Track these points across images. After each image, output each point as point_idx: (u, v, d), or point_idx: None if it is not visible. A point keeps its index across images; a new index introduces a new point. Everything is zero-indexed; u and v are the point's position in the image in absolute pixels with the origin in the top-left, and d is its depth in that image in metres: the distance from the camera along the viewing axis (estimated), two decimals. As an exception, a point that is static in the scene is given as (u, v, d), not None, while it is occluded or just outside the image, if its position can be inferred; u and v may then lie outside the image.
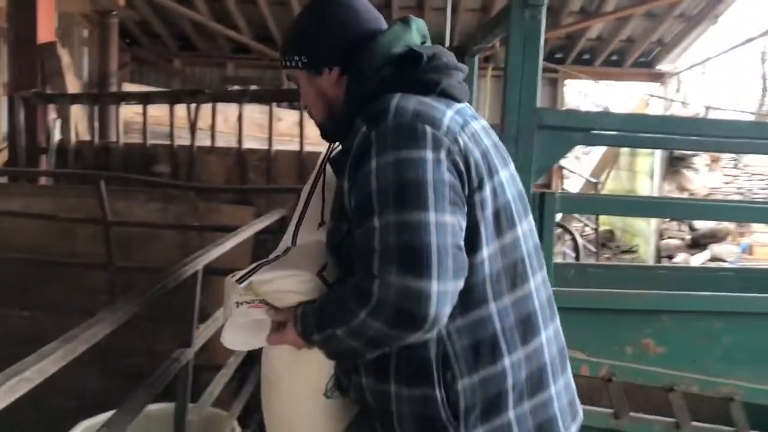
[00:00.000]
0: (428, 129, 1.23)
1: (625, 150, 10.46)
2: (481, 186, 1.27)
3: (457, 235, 1.21)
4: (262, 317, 1.38)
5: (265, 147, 3.67)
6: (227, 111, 4.20)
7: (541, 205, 2.17)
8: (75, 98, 3.80)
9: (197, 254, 1.88)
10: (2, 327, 3.50)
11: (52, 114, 4.02)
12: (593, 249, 8.21)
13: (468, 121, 1.33)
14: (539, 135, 2.14)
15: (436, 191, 1.19)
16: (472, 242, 1.26)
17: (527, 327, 1.34)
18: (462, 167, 1.25)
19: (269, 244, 3.61)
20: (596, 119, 2.36)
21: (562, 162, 10.45)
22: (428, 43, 1.46)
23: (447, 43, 4.89)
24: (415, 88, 1.31)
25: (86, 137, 4.15)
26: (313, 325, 1.31)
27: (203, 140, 3.81)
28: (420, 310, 1.15)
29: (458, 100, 1.36)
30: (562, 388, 1.41)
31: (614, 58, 10.54)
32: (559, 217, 5.93)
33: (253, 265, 1.40)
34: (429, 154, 1.21)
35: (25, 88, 3.92)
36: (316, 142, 5.42)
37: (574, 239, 5.90)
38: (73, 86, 4.20)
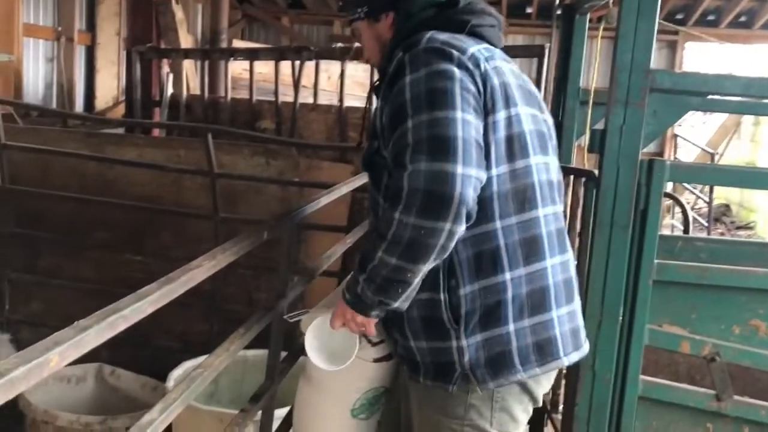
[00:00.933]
0: (455, 52, 1.41)
1: (748, 118, 9.76)
2: (494, 110, 1.42)
3: (479, 133, 1.37)
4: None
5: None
6: (330, 69, 4.23)
7: (650, 173, 2.05)
8: (187, 53, 3.93)
9: (294, 209, 1.91)
10: (117, 270, 3.74)
11: (165, 68, 4.18)
12: (705, 223, 7.77)
13: (494, 57, 1.48)
14: (651, 98, 2.02)
15: (463, 96, 1.36)
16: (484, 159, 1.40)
17: (531, 249, 1.46)
18: (480, 87, 1.41)
19: (365, 202, 3.65)
20: (715, 82, 2.18)
21: (677, 130, 9.90)
22: None
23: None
24: (449, 27, 1.50)
25: (197, 92, 4.31)
26: (355, 277, 1.44)
27: (306, 98, 3.86)
28: (447, 189, 1.30)
29: (488, 42, 1.53)
30: (565, 315, 1.51)
31: (742, 19, 9.78)
32: (669, 187, 5.63)
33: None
34: (455, 69, 1.39)
35: (141, 43, 4.09)
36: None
37: (684, 211, 5.60)
38: (185, 42, 4.35)
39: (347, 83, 3.75)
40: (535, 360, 1.46)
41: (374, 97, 1.68)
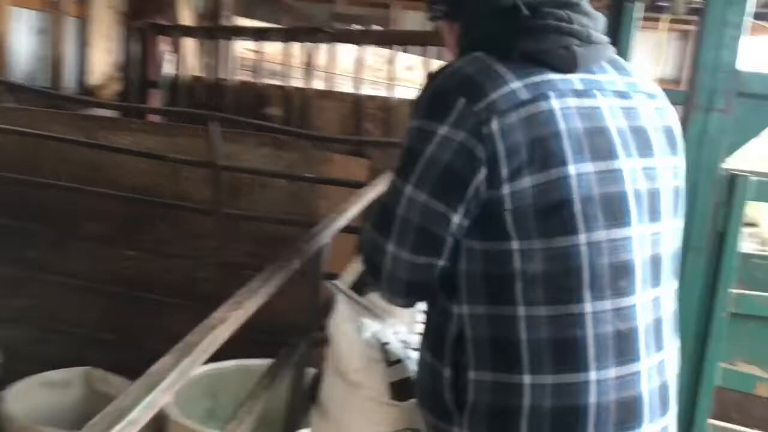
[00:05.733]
0: (461, 102, 1.13)
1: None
2: (514, 177, 1.11)
3: (428, 217, 1.16)
4: None
5: (383, 94, 3.37)
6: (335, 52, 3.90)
7: (731, 190, 1.78)
8: (189, 31, 3.61)
9: (324, 222, 1.62)
10: (109, 265, 3.44)
11: (164, 46, 3.86)
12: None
13: (543, 97, 1.14)
14: (738, 103, 1.74)
15: (426, 170, 1.15)
16: (497, 232, 1.14)
17: (564, 353, 1.14)
18: (482, 153, 1.12)
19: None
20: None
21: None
22: None
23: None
24: (495, 48, 1.19)
25: (198, 73, 3.99)
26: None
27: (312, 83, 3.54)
28: (377, 262, 1.22)
29: (556, 69, 1.17)
30: None
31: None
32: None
33: None
34: (443, 131, 1.14)
35: (141, 19, 3.76)
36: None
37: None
38: (186, 19, 4.02)
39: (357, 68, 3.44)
40: None
41: None
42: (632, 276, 1.18)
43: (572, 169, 1.13)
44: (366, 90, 3.60)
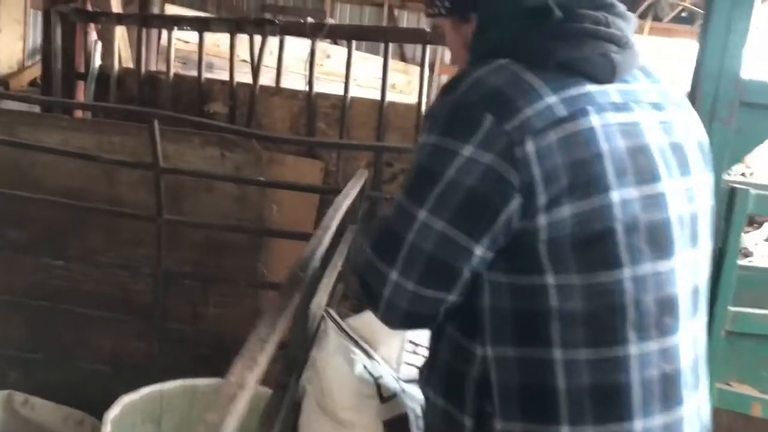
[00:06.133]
0: (488, 119, 0.99)
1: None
2: (552, 206, 0.99)
3: (444, 247, 1.02)
4: None
5: (337, 91, 3.18)
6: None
7: (730, 203, 1.70)
8: (121, 18, 3.30)
9: (318, 237, 1.44)
10: (33, 276, 3.11)
11: (93, 35, 3.53)
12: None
13: (582, 113, 1.01)
14: (740, 113, 1.67)
15: (445, 194, 1.01)
16: (529, 265, 1.01)
17: (608, 402, 1.03)
18: (515, 179, 0.98)
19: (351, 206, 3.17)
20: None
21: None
22: None
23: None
24: (525, 56, 1.05)
25: (130, 64, 3.67)
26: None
27: (246, 75, 3.29)
28: (375, 287, 1.08)
29: (593, 79, 1.04)
30: None
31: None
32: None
33: None
34: (467, 151, 0.99)
35: (63, 2, 3.41)
36: (365, 85, 4.85)
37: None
38: (116, 5, 3.69)
39: (290, 62, 3.23)
40: None
41: None
42: (676, 311, 1.07)
43: (616, 195, 1.00)
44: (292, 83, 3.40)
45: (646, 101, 1.11)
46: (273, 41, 3.11)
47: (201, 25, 3.16)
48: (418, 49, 9.02)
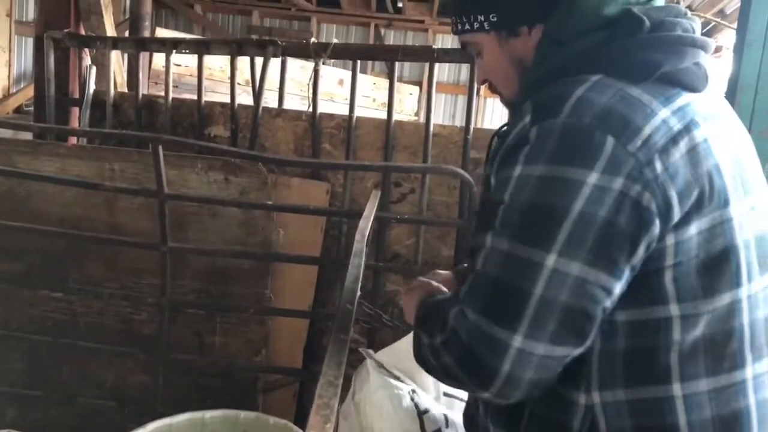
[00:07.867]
0: (610, 141, 0.90)
1: None
2: (682, 224, 0.93)
3: (583, 293, 0.90)
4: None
5: (342, 112, 3.12)
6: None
7: None
8: (116, 43, 3.22)
9: (355, 267, 1.37)
10: (30, 309, 3.00)
11: (87, 60, 3.44)
12: None
13: (694, 124, 0.97)
14: (780, 125, 1.63)
15: (575, 230, 0.89)
16: (650, 295, 0.94)
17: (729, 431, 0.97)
18: (651, 202, 0.91)
19: (344, 226, 3.10)
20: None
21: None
22: (659, 1, 1.07)
23: None
24: (623, 70, 0.98)
25: (125, 89, 3.58)
26: (419, 317, 1.10)
27: (246, 98, 3.22)
28: (490, 361, 0.91)
29: (690, 89, 1.01)
30: None
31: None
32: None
33: None
34: (593, 178, 0.90)
35: (56, 28, 3.33)
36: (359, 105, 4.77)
37: None
38: (111, 29, 3.62)
39: (288, 84, 3.17)
40: None
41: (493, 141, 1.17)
42: None
43: (733, 209, 0.96)
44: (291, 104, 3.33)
45: (724, 111, 1.09)
46: (274, 62, 3.05)
47: (201, 48, 3.09)
48: (406, 67, 9.01)
